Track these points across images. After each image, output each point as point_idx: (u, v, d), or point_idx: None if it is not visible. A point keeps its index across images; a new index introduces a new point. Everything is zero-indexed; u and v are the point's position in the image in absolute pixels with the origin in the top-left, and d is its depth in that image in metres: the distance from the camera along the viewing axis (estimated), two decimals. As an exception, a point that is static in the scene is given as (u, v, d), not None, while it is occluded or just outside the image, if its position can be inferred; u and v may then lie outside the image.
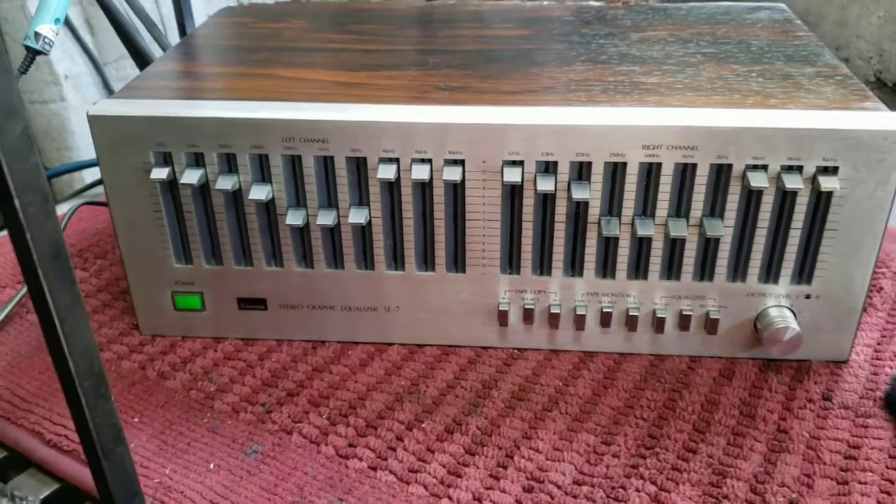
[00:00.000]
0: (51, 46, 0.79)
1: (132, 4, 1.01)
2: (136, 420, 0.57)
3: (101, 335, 0.66)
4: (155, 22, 1.36)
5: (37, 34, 0.78)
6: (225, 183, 0.58)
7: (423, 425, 0.56)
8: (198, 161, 0.58)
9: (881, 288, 0.69)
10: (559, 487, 0.51)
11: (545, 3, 0.84)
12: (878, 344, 0.63)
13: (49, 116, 1.38)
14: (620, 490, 0.51)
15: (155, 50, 1.00)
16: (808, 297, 0.59)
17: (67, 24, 1.33)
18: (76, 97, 1.38)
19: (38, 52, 0.79)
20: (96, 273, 0.74)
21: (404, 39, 0.73)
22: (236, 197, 0.59)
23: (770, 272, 0.59)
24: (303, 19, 0.79)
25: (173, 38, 1.11)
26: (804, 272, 0.59)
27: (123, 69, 1.44)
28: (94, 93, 1.41)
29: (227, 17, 0.81)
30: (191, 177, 0.57)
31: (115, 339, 0.66)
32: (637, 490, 0.51)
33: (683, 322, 0.61)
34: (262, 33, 0.76)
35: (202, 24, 0.80)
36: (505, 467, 0.53)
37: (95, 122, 0.57)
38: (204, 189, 0.59)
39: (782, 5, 0.80)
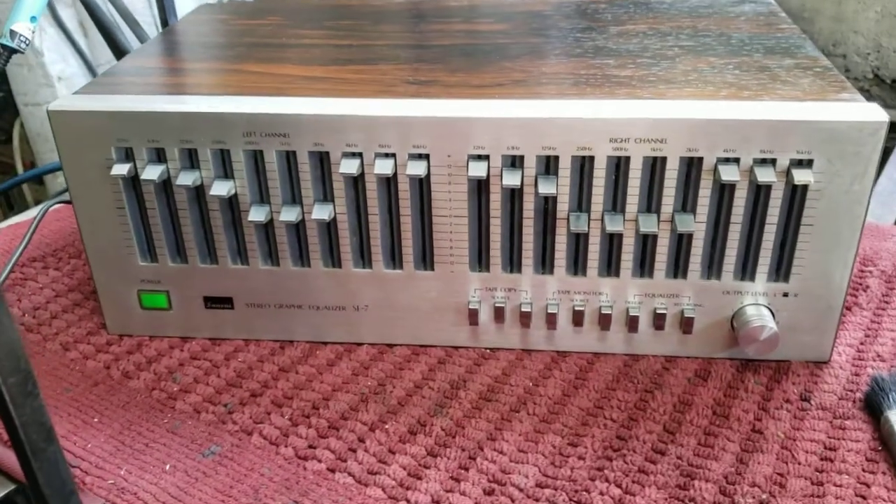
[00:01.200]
0: (27, 45, 0.78)
1: (114, 2, 1.00)
2: (95, 420, 0.56)
3: (68, 335, 0.65)
4: (149, 21, 1.36)
5: (12, 32, 0.78)
6: (186, 179, 0.57)
7: (387, 426, 0.55)
8: (159, 157, 0.57)
9: (867, 286, 0.68)
10: (521, 490, 0.49)
11: (526, -3, 0.82)
12: (861, 344, 0.61)
13: (43, 118, 1.38)
14: (584, 493, 0.49)
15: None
16: (785, 294, 0.57)
17: (61, 26, 1.33)
18: (70, 99, 1.38)
19: (14, 51, 0.78)
20: (69, 273, 0.73)
21: (379, 35, 0.72)
22: (199, 193, 0.58)
23: (746, 269, 0.57)
24: (280, 16, 0.78)
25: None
26: (781, 269, 0.57)
27: (118, 71, 1.44)
28: (89, 95, 1.40)
29: (205, 13, 0.80)
30: (152, 172, 0.56)
31: (81, 338, 0.65)
32: (601, 493, 0.49)
33: (658, 321, 0.59)
34: (238, 29, 0.75)
35: (180, 21, 0.79)
36: (466, 469, 0.51)
37: (56, 117, 0.56)
38: (166, 185, 0.58)
39: (768, -1, 0.78)
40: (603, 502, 0.48)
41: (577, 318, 0.60)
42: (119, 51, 0.93)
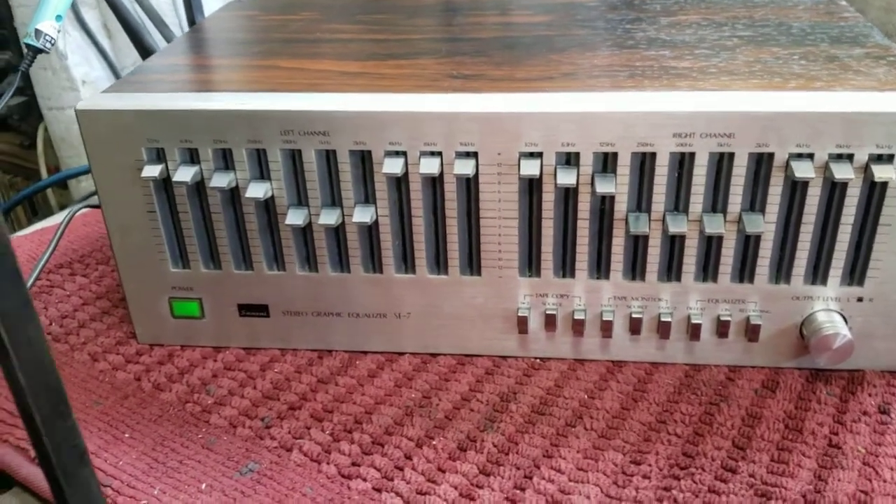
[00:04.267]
0: (52, 44, 0.76)
1: (141, 3, 0.98)
2: (126, 436, 0.53)
3: (97, 344, 0.62)
4: (174, 22, 1.33)
5: (38, 31, 0.75)
6: (220, 180, 0.53)
7: (434, 442, 0.51)
8: (192, 157, 0.54)
9: (939, 290, 0.63)
10: (583, 512, 0.46)
11: (569, -11, 0.79)
12: (939, 351, 0.57)
13: (67, 123, 1.36)
14: (652, 515, 0.45)
15: (166, 49, 0.97)
16: (860, 299, 0.53)
17: (84, 28, 1.31)
18: (94, 102, 1.36)
19: (39, 51, 0.76)
20: (97, 280, 0.71)
21: (416, 28, 0.69)
22: (234, 196, 0.55)
23: (817, 272, 0.53)
24: (311, 10, 0.75)
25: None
26: (855, 272, 0.53)
27: (142, 73, 1.42)
28: (113, 98, 1.38)
29: (234, 10, 0.77)
30: (184, 174, 0.54)
31: (111, 348, 0.62)
32: (670, 515, 0.45)
33: (721, 328, 0.55)
34: (268, 25, 0.72)
35: (207, 17, 0.76)
36: (523, 489, 0.48)
37: (84, 117, 0.54)
38: (199, 188, 0.55)
39: (825, -14, 0.74)
40: (673, 526, 0.45)
41: (635, 326, 0.56)
42: (146, 52, 0.90)
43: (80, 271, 0.72)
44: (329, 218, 0.54)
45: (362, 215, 0.54)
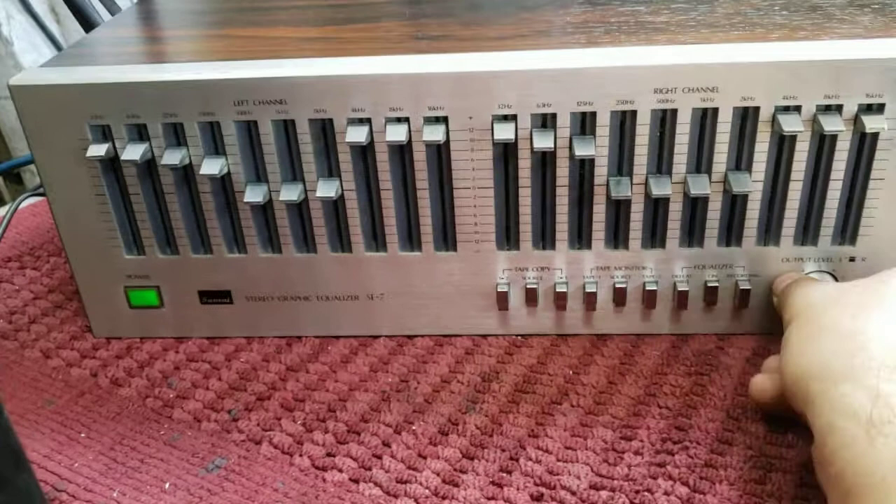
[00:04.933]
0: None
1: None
2: (82, 436, 0.50)
3: (49, 340, 0.58)
4: (127, 4, 1.28)
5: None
6: (172, 157, 0.50)
7: (414, 427, 0.48)
8: (140, 134, 0.50)
9: (929, 248, 0.61)
10: (574, 494, 0.43)
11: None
12: (933, 310, 0.55)
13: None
14: (646, 493, 0.43)
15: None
16: (852, 259, 0.51)
17: (30, 12, 1.25)
18: (46, 92, 1.31)
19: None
20: (48, 272, 0.67)
21: (378, -6, 0.65)
22: (187, 174, 0.52)
23: (807, 232, 0.51)
24: (266, -20, 0.71)
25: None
26: (847, 231, 0.51)
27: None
28: (65, 87, 1.33)
29: (184, -17, 0.73)
30: (133, 152, 0.50)
31: (65, 344, 0.58)
32: (666, 493, 0.43)
33: (709, 295, 0.53)
34: (221, -4, 0.68)
35: (156, -9, 0.72)
36: (509, 472, 0.45)
37: (20, 93, 0.50)
38: (150, 167, 0.51)
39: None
40: (669, 503, 0.42)
41: (619, 297, 0.53)
42: (90, 27, 0.86)
43: (31, 264, 0.68)
44: (290, 194, 0.51)
45: (326, 190, 0.50)
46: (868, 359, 0.38)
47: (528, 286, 0.54)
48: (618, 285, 0.53)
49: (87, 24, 0.80)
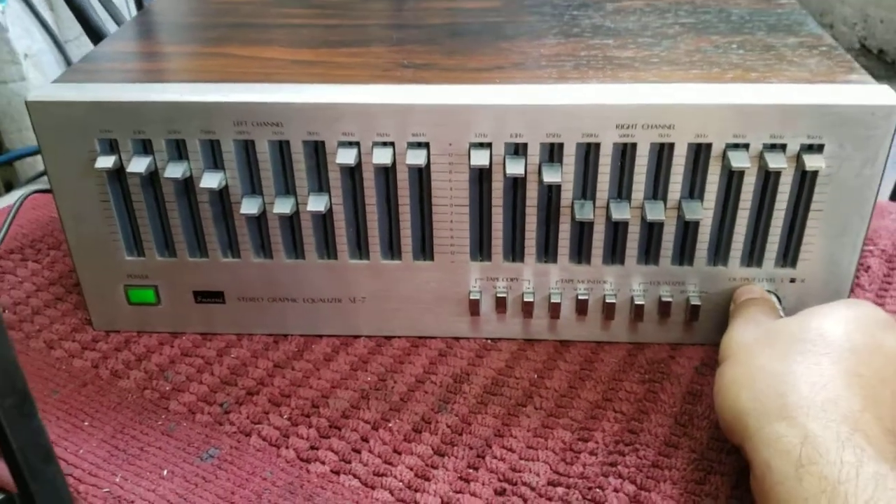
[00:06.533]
0: (-5, 25, 0.75)
1: (85, -22, 0.96)
2: (86, 424, 0.54)
3: (52, 331, 0.63)
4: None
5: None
6: (174, 171, 0.54)
7: (390, 424, 0.53)
8: (145, 148, 0.54)
9: (868, 267, 0.67)
10: (533, 489, 0.48)
11: (517, -28, 0.80)
12: (865, 327, 0.61)
13: (9, 96, 1.33)
14: (598, 490, 0.48)
15: (111, 26, 0.95)
16: (792, 280, 0.56)
17: (26, 0, 1.28)
18: (37, 76, 1.33)
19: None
20: (49, 265, 0.71)
21: (369, 13, 0.69)
22: (188, 185, 0.56)
23: (753, 255, 0.56)
24: (261, -7, 0.75)
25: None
26: (788, 255, 0.56)
27: (86, 46, 1.39)
28: (56, 71, 1.35)
29: (182, -9, 0.77)
30: (138, 165, 0.54)
31: (66, 335, 0.62)
32: (615, 490, 0.48)
33: (663, 309, 0.58)
34: (219, 8, 0.71)
35: (154, 1, 0.75)
36: (476, 468, 0.50)
37: (35, 108, 0.53)
38: (153, 177, 0.56)
39: (764, -28, 0.76)
40: (618, 499, 0.47)
41: (581, 307, 0.58)
42: (91, 29, 0.89)
43: (32, 257, 0.72)
44: (283, 207, 0.55)
45: (316, 204, 0.55)
46: (798, 398, 0.41)
47: (499, 295, 0.58)
48: (580, 297, 0.58)
49: (88, 25, 0.83)
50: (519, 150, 0.53)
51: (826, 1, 1.09)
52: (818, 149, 0.51)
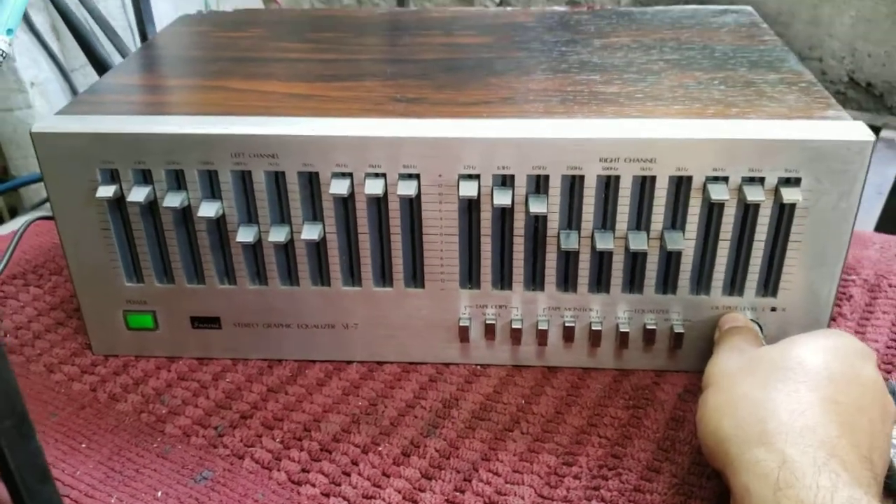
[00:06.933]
0: (4, 57, 0.77)
1: (91, 12, 0.98)
2: (83, 446, 0.55)
3: (52, 355, 0.64)
4: (124, 26, 1.34)
5: (-12, 45, 0.76)
6: (173, 200, 0.56)
7: (380, 448, 0.55)
8: (145, 178, 0.56)
9: (850, 296, 0.68)
10: (517, 512, 0.50)
11: (509, 8, 0.82)
12: (847, 355, 0.62)
13: (15, 124, 1.35)
14: (580, 514, 0.49)
15: (116, 58, 0.98)
16: (773, 309, 0.58)
17: (33, 30, 1.30)
18: (43, 104, 1.36)
19: (-11, 64, 0.77)
20: (51, 290, 0.72)
21: (364, 48, 0.71)
22: (186, 214, 0.58)
23: (734, 285, 0.58)
24: (261, 27, 0.77)
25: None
26: (769, 285, 0.58)
27: (91, 75, 1.42)
28: (62, 99, 1.38)
29: (186, 25, 0.79)
30: (138, 194, 0.56)
31: (66, 359, 0.64)
32: (597, 513, 0.49)
33: (647, 336, 0.59)
34: (220, 42, 0.74)
35: (160, 33, 0.78)
36: (462, 491, 0.51)
37: (39, 139, 0.55)
38: (153, 206, 0.57)
39: (749, 8, 0.79)
40: (599, 523, 0.49)
41: (568, 334, 0.60)
42: (96, 60, 0.91)
43: (34, 282, 0.74)
44: (278, 235, 0.57)
45: (310, 233, 0.56)
46: (777, 424, 0.43)
47: (488, 321, 0.60)
48: (567, 324, 0.60)
49: (94, 57, 0.86)
50: (506, 181, 0.55)
51: (815, 35, 1.12)
52: (795, 182, 0.53)
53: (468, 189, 0.54)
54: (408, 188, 0.55)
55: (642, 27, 0.74)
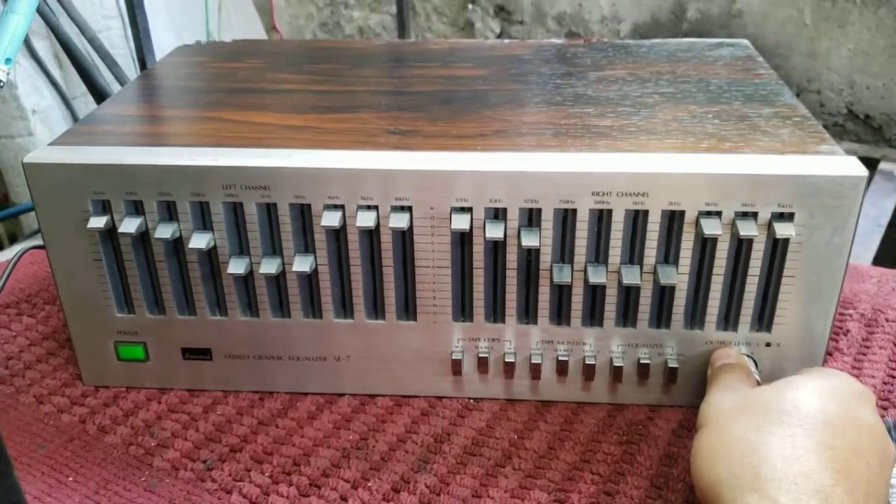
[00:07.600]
0: (1, 86, 0.77)
1: (92, 41, 0.99)
2: (70, 479, 0.55)
3: (42, 386, 0.64)
4: (126, 55, 1.35)
5: (-13, 74, 0.77)
6: (164, 231, 0.56)
7: (370, 484, 0.54)
8: (137, 209, 0.56)
9: (847, 331, 0.68)
10: (507, 550, 0.49)
11: (507, 41, 0.82)
12: (843, 391, 0.61)
13: (17, 151, 1.36)
14: (571, 553, 0.48)
15: (115, 87, 0.98)
16: (768, 344, 0.57)
17: (35, 58, 1.31)
18: (44, 131, 1.37)
19: (-13, 93, 0.77)
20: (43, 320, 0.72)
21: (359, 80, 0.72)
22: (177, 245, 0.57)
23: (728, 319, 0.57)
24: (258, 58, 0.78)
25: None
26: (763, 320, 0.57)
27: (92, 102, 1.43)
28: (63, 126, 1.39)
29: (184, 55, 0.80)
30: (129, 226, 0.56)
31: (56, 390, 0.63)
32: (588, 552, 0.48)
33: (642, 370, 0.59)
34: (217, 73, 0.74)
35: (158, 63, 0.78)
36: (451, 529, 0.50)
37: (31, 170, 0.55)
38: (144, 237, 0.57)
39: (745, 41, 0.79)
40: (590, 563, 0.48)
41: (562, 368, 0.59)
42: (95, 89, 0.92)
43: (27, 311, 0.73)
44: (270, 267, 0.57)
45: (302, 264, 0.56)
46: (771, 470, 0.42)
47: (480, 355, 0.60)
48: (560, 358, 0.59)
49: (95, 88, 0.86)
50: (498, 214, 0.54)
51: (813, 68, 1.12)
52: (789, 217, 0.53)
53: (460, 222, 0.54)
54: (400, 221, 0.54)
55: (638, 60, 0.74)
